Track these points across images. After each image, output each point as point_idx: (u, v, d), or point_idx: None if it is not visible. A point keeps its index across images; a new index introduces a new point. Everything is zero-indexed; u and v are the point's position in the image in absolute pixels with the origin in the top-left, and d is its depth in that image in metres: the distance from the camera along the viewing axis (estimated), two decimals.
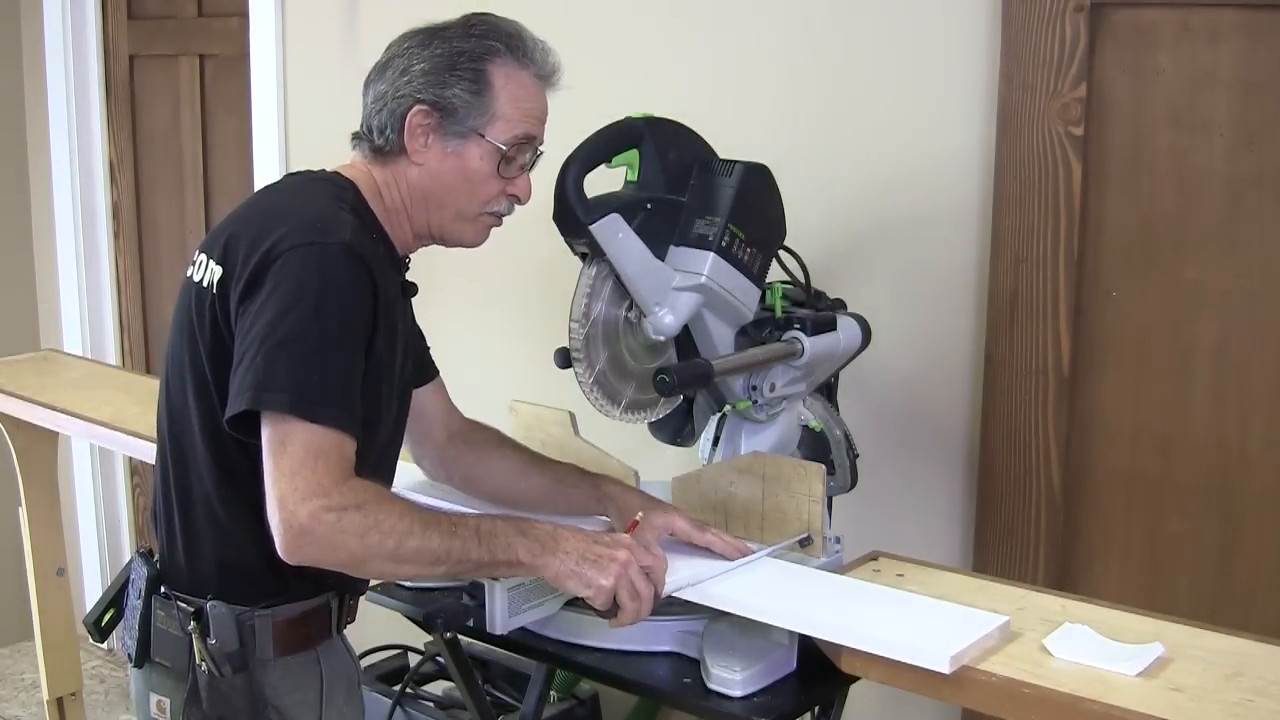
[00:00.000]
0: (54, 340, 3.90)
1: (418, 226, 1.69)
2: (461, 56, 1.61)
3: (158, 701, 1.65)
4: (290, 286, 1.46)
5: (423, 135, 1.62)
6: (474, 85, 1.61)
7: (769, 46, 2.31)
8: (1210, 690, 1.40)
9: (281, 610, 1.59)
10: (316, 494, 1.40)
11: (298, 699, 1.62)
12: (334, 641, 1.67)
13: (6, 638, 3.97)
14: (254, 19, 3.14)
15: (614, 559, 1.52)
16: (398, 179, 1.66)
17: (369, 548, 1.43)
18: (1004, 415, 2.10)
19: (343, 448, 1.44)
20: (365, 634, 2.60)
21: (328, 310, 1.46)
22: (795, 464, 1.78)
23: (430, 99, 1.61)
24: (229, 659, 1.56)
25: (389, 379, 1.60)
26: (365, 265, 1.50)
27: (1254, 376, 1.94)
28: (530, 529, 1.53)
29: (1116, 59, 1.98)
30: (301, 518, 1.40)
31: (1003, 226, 2.07)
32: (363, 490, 1.44)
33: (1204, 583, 2.01)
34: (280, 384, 1.43)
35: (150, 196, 3.75)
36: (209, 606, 1.57)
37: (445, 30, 1.65)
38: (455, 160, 1.64)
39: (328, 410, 1.44)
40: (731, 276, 1.83)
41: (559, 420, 2.05)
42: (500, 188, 1.67)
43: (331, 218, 1.53)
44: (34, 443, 2.83)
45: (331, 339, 1.46)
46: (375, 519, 1.42)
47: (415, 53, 1.63)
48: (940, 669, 1.43)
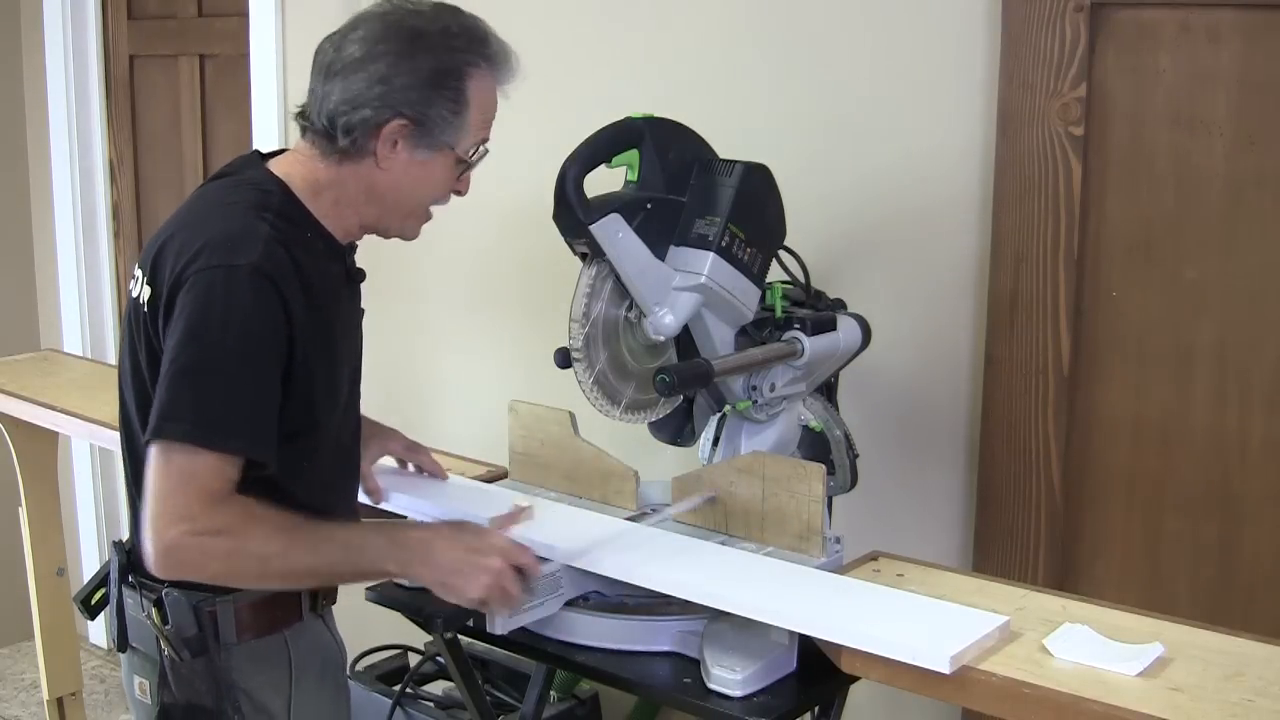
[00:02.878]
0: (54, 340, 3.90)
1: (365, 220, 1.69)
2: (447, 75, 1.60)
3: (140, 684, 1.71)
4: (192, 310, 1.51)
5: (393, 143, 1.61)
6: (455, 105, 1.61)
7: (769, 46, 2.31)
8: (1210, 690, 1.40)
9: (244, 596, 1.62)
10: (184, 518, 1.47)
11: (263, 681, 1.65)
12: (306, 624, 1.70)
13: (6, 638, 3.97)
14: (254, 19, 3.13)
15: (487, 569, 1.57)
16: (354, 179, 1.64)
17: (232, 570, 1.52)
18: (1004, 415, 2.10)
19: (223, 471, 1.49)
20: (365, 634, 2.61)
21: (229, 336, 1.50)
22: (795, 464, 1.78)
23: (413, 115, 1.60)
24: (187, 644, 1.61)
25: (327, 379, 1.62)
26: (274, 285, 1.52)
27: (1254, 376, 1.94)
28: (401, 538, 1.59)
29: (1116, 59, 1.98)
30: (167, 540, 1.47)
31: (1003, 226, 2.07)
32: (231, 515, 1.49)
33: (1204, 583, 2.01)
34: (178, 413, 1.48)
35: (150, 196, 3.75)
36: (165, 594, 1.61)
37: (425, 37, 1.60)
38: (421, 169, 1.64)
39: (218, 437, 1.48)
40: (731, 276, 1.83)
41: (559, 420, 2.05)
42: (451, 188, 1.70)
43: (244, 233, 1.54)
44: (34, 443, 2.83)
45: (231, 364, 1.50)
46: (239, 543, 1.49)
47: (396, 62, 1.59)
48: (940, 669, 1.43)
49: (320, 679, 1.71)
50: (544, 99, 2.61)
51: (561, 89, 2.58)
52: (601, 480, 2.01)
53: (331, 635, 1.76)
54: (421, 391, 2.93)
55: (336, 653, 1.76)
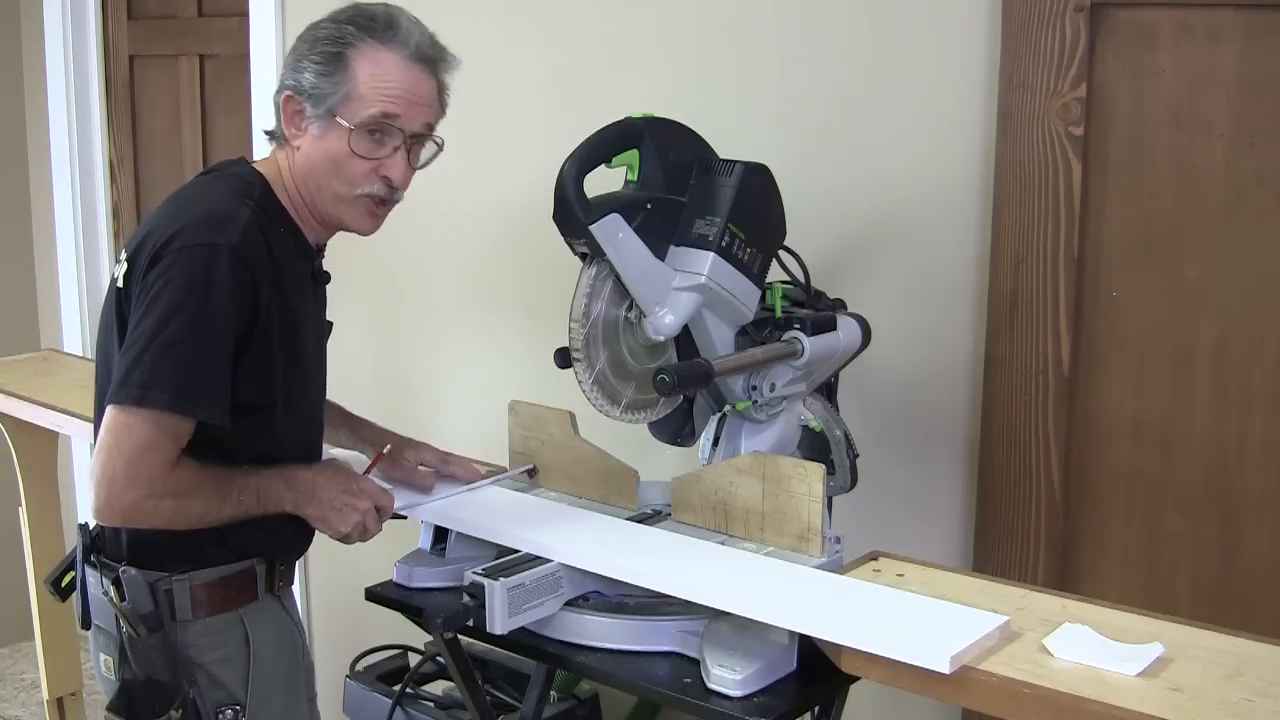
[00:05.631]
0: (54, 340, 3.90)
1: (315, 212, 1.78)
2: (320, 42, 1.70)
3: (105, 660, 1.81)
4: (177, 286, 1.59)
5: (297, 120, 1.72)
6: (325, 67, 1.69)
7: (769, 46, 2.31)
8: (1210, 690, 1.40)
9: (200, 575, 1.72)
10: (144, 483, 1.60)
11: (219, 656, 1.74)
12: (262, 604, 1.79)
13: (6, 638, 3.97)
14: (254, 19, 3.14)
15: (355, 508, 1.75)
16: (290, 165, 1.75)
17: (173, 522, 1.66)
18: (1004, 415, 2.10)
19: (182, 437, 1.61)
20: (365, 634, 2.61)
21: (208, 311, 1.59)
22: (795, 464, 1.78)
23: (291, 84, 1.71)
24: (143, 620, 1.69)
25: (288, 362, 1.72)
26: (248, 266, 1.62)
27: (1254, 376, 1.94)
28: (294, 479, 1.74)
29: (1116, 59, 1.98)
30: (125, 501, 1.60)
31: (1003, 226, 2.07)
32: (182, 479, 1.63)
33: (1204, 583, 2.01)
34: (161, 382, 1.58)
35: (150, 196, 3.75)
36: (123, 572, 1.71)
37: (320, 23, 1.73)
38: (320, 143, 1.72)
39: (195, 405, 1.60)
40: (731, 276, 1.83)
41: (559, 420, 2.05)
42: (367, 168, 1.73)
43: (227, 215, 1.64)
44: (34, 443, 2.83)
45: (206, 338, 1.60)
46: (185, 505, 1.64)
47: (295, 45, 1.73)
48: (940, 669, 1.43)
49: (276, 656, 1.79)
50: (544, 99, 2.61)
51: (561, 89, 2.58)
52: (601, 480, 2.01)
53: (289, 615, 1.84)
54: (422, 391, 2.93)
55: (295, 633, 1.84)
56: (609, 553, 1.75)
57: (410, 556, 1.97)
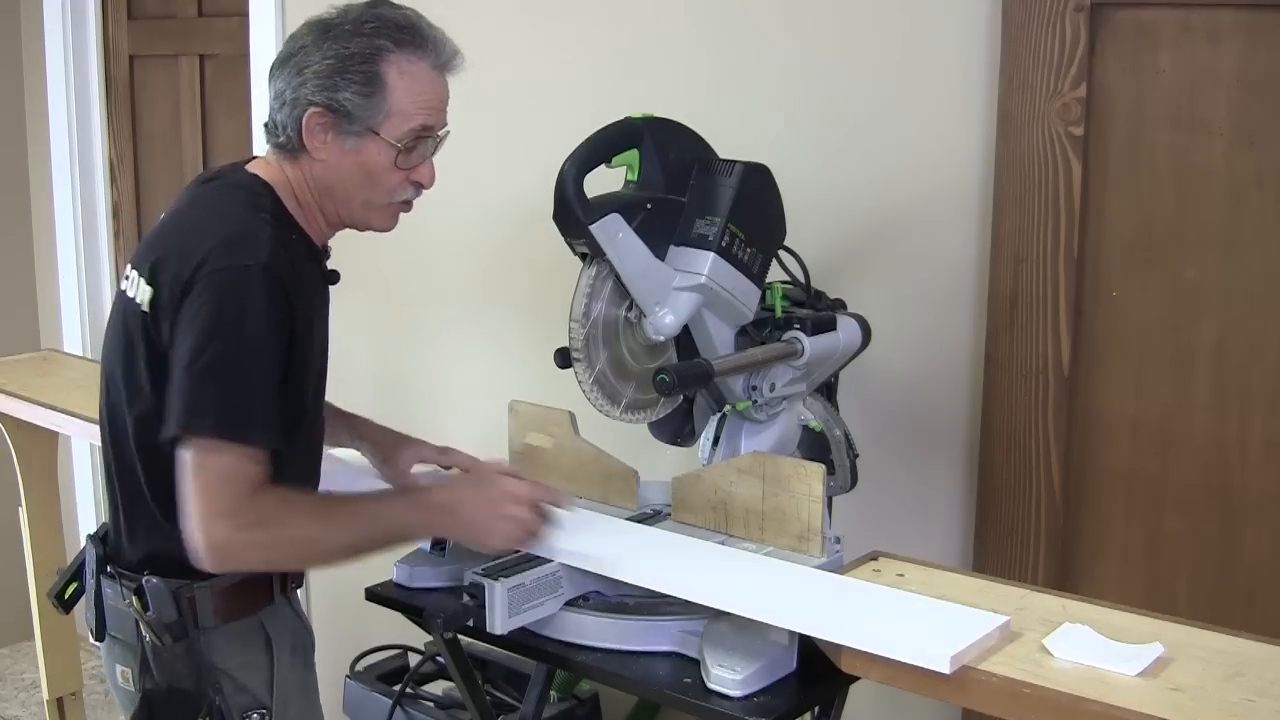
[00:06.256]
0: (54, 340, 3.90)
1: (329, 216, 1.75)
2: (353, 59, 1.64)
3: (121, 671, 1.76)
4: (210, 311, 1.56)
5: (321, 134, 1.67)
6: (365, 88, 1.65)
7: (769, 46, 2.31)
8: (1210, 690, 1.40)
9: (220, 580, 1.67)
10: (227, 514, 1.53)
11: (243, 662, 1.72)
12: (277, 606, 1.76)
13: (6, 638, 3.97)
14: (254, 19, 3.14)
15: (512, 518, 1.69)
16: (305, 175, 1.71)
17: (278, 556, 1.62)
18: (1004, 415, 2.10)
19: (255, 466, 1.56)
20: (365, 634, 2.61)
21: (246, 335, 1.56)
22: (795, 464, 1.78)
23: (323, 102, 1.65)
24: (168, 629, 1.66)
25: (311, 371, 1.69)
26: (281, 284, 1.59)
27: (1254, 376, 1.94)
28: (424, 502, 1.71)
29: (1116, 59, 1.98)
30: (216, 538, 1.53)
31: (1003, 226, 2.07)
32: (269, 505, 1.56)
33: (1204, 583, 2.01)
34: (203, 409, 1.54)
35: (150, 196, 3.75)
36: (145, 582, 1.67)
37: (339, 25, 1.66)
38: (354, 157, 1.68)
39: (245, 431, 1.55)
40: (731, 276, 1.83)
41: (559, 420, 2.05)
42: (403, 177, 1.72)
43: (250, 235, 1.61)
44: (34, 443, 2.83)
45: (248, 362, 1.56)
46: (280, 532, 1.58)
47: (310, 51, 1.66)
48: (940, 669, 1.43)
49: (293, 658, 1.78)
50: (544, 99, 2.61)
51: (561, 89, 2.58)
52: (601, 480, 2.01)
53: (299, 617, 1.82)
54: (422, 391, 2.93)
55: (305, 634, 1.83)
56: (609, 553, 1.75)
57: (410, 556, 1.97)
